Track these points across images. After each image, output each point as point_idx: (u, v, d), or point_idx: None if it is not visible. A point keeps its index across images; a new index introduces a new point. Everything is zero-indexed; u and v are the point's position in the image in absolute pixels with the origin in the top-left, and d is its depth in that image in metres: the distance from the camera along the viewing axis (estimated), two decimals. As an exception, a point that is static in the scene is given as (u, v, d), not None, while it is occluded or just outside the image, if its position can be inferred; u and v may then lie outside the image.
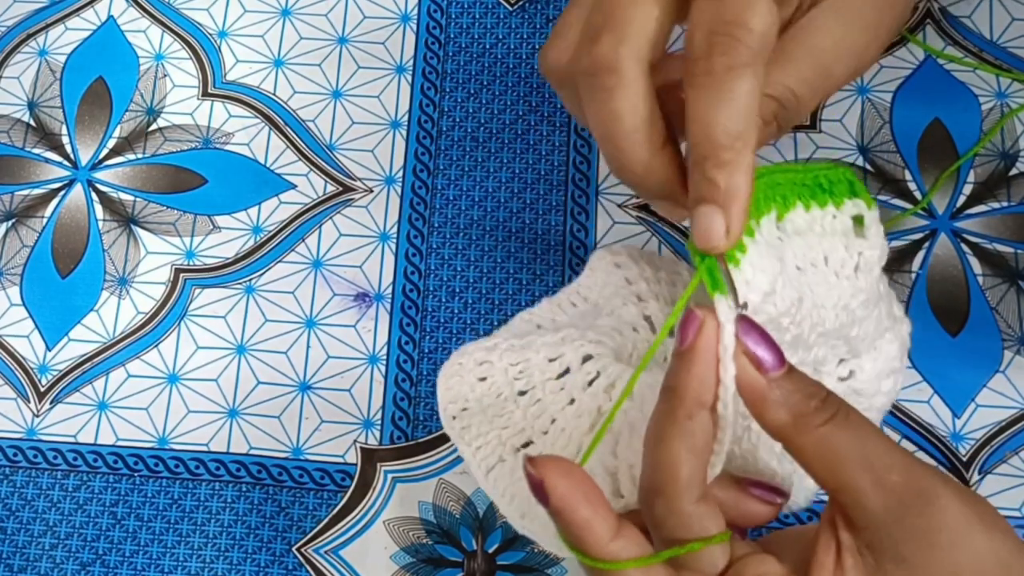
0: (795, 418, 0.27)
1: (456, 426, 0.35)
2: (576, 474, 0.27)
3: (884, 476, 0.26)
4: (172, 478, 0.45)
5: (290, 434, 0.45)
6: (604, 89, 0.29)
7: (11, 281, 0.48)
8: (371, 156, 0.48)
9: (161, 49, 0.52)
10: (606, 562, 0.26)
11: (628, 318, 0.36)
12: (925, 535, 0.26)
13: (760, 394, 0.27)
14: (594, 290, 0.38)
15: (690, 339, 0.27)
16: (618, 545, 0.26)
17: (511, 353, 0.35)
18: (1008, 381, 0.42)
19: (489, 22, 0.50)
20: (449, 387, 0.36)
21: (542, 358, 0.35)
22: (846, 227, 0.32)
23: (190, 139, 0.50)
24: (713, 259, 0.28)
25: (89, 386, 0.46)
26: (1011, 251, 0.44)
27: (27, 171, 0.50)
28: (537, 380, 0.35)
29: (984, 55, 0.46)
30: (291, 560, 0.43)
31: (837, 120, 0.46)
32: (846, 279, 0.31)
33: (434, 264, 0.46)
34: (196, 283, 0.47)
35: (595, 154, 0.47)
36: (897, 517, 0.26)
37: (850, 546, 0.27)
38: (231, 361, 0.46)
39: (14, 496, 0.45)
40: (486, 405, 0.35)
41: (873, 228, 0.32)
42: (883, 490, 0.26)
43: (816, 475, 0.27)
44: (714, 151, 0.27)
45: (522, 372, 0.35)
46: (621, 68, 0.29)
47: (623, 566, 0.26)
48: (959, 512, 0.26)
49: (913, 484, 0.26)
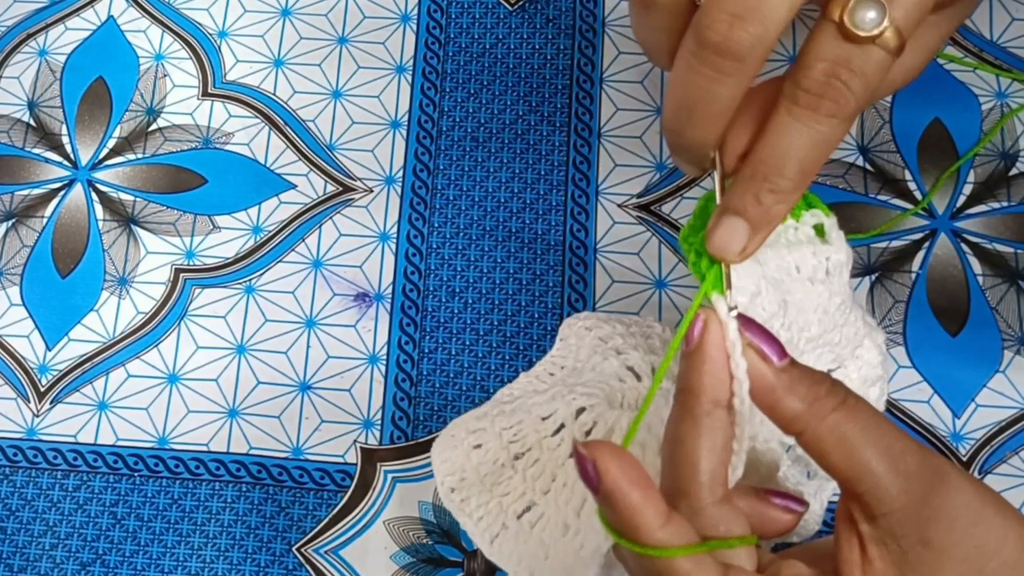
0: (808, 405, 0.27)
1: (456, 499, 0.35)
2: (627, 458, 0.26)
3: (900, 459, 0.26)
4: (172, 478, 0.45)
5: (290, 434, 0.45)
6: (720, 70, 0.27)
7: (11, 281, 0.48)
8: (371, 156, 0.48)
9: (161, 49, 0.52)
10: (656, 549, 0.25)
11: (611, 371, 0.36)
12: (946, 513, 0.26)
13: (769, 385, 0.27)
14: (569, 356, 0.38)
15: (696, 338, 0.27)
16: (668, 532, 0.26)
17: (503, 417, 0.35)
18: (1008, 381, 0.42)
19: (489, 22, 0.50)
20: (445, 459, 0.36)
21: (535, 417, 0.35)
22: (809, 236, 0.32)
23: (190, 139, 0.50)
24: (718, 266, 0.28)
25: (89, 386, 0.46)
26: (1011, 251, 0.44)
27: (27, 171, 0.50)
28: (532, 441, 0.35)
29: (984, 55, 0.46)
30: (291, 560, 0.43)
31: (837, 120, 0.46)
32: (820, 283, 0.32)
33: (434, 264, 0.46)
34: (196, 283, 0.47)
35: (595, 154, 0.47)
36: (918, 499, 0.26)
37: (872, 536, 0.27)
38: (231, 361, 0.46)
39: (14, 496, 0.45)
40: (483, 474, 0.35)
41: (834, 233, 0.32)
42: (901, 473, 0.26)
43: (832, 464, 0.27)
44: (777, 178, 0.27)
45: (516, 435, 0.35)
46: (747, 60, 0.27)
47: (673, 553, 0.25)
48: (973, 492, 0.26)
49: (927, 466, 0.26)
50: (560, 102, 0.48)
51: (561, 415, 0.35)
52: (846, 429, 0.26)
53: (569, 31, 0.49)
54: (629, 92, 0.48)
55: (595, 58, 0.49)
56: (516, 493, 0.34)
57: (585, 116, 0.48)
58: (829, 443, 0.26)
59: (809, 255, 0.32)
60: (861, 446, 0.26)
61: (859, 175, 0.45)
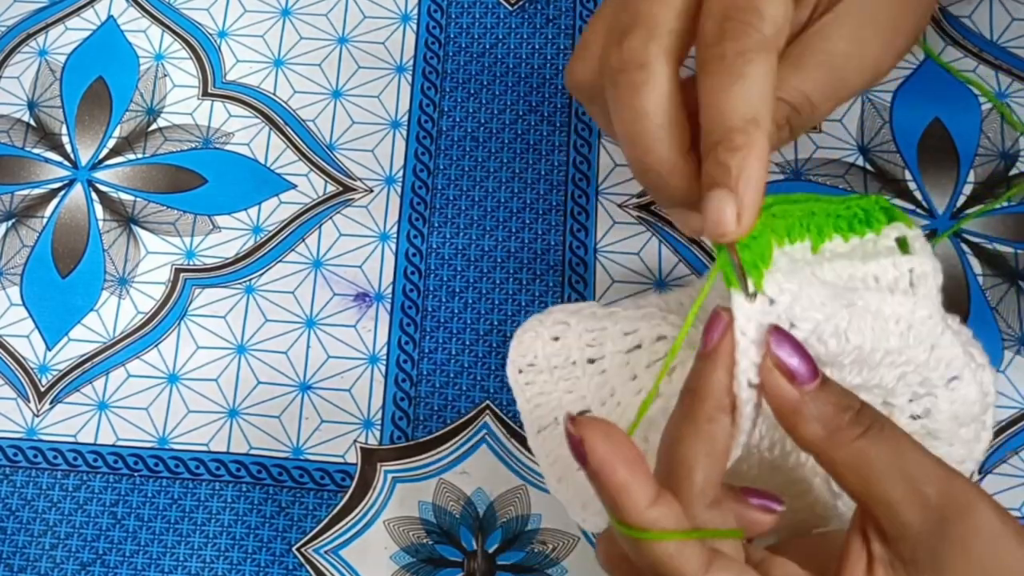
0: (829, 432, 0.26)
1: (521, 380, 0.35)
2: (617, 437, 0.25)
3: (920, 488, 0.26)
4: (172, 478, 0.45)
5: (290, 434, 0.45)
6: (633, 85, 0.28)
7: (11, 281, 0.48)
8: (371, 156, 0.48)
9: (161, 49, 0.52)
10: (642, 530, 0.25)
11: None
12: (962, 543, 0.25)
13: (792, 407, 0.26)
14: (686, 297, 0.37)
15: (715, 341, 0.27)
16: (656, 512, 0.25)
17: (591, 320, 0.35)
18: (1008, 381, 0.42)
19: (489, 22, 0.50)
20: (522, 341, 0.35)
21: (618, 330, 0.34)
22: (890, 248, 0.31)
23: (190, 139, 0.50)
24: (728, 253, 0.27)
25: (89, 386, 0.46)
26: (1011, 251, 0.44)
27: (27, 171, 0.50)
28: (608, 350, 0.34)
29: (984, 55, 0.46)
30: (291, 560, 0.43)
31: (837, 120, 0.46)
32: (902, 293, 0.30)
33: (434, 264, 0.46)
34: (196, 283, 0.47)
35: (595, 154, 0.47)
36: (934, 529, 0.26)
37: (883, 558, 0.26)
38: (231, 361, 0.46)
39: (14, 496, 0.45)
40: (553, 366, 0.35)
41: (918, 244, 0.31)
42: (919, 502, 0.26)
43: (849, 488, 0.27)
44: (727, 135, 0.27)
45: (595, 340, 0.34)
46: (650, 63, 0.28)
47: (659, 537, 0.25)
48: (995, 522, 0.26)
49: (950, 495, 0.26)
50: (560, 102, 0.48)
51: (641, 335, 0.34)
52: (867, 456, 0.26)
53: (569, 31, 0.49)
54: (629, 92, 0.48)
55: (595, 58, 0.49)
56: (578, 393, 0.34)
57: (585, 116, 0.48)
58: (845, 469, 0.26)
59: (889, 266, 0.30)
60: (880, 474, 0.26)
61: (859, 175, 0.45)
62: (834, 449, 0.26)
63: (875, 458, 0.26)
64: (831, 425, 0.26)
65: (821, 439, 0.26)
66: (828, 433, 0.26)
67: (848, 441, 0.26)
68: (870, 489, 0.26)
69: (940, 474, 0.26)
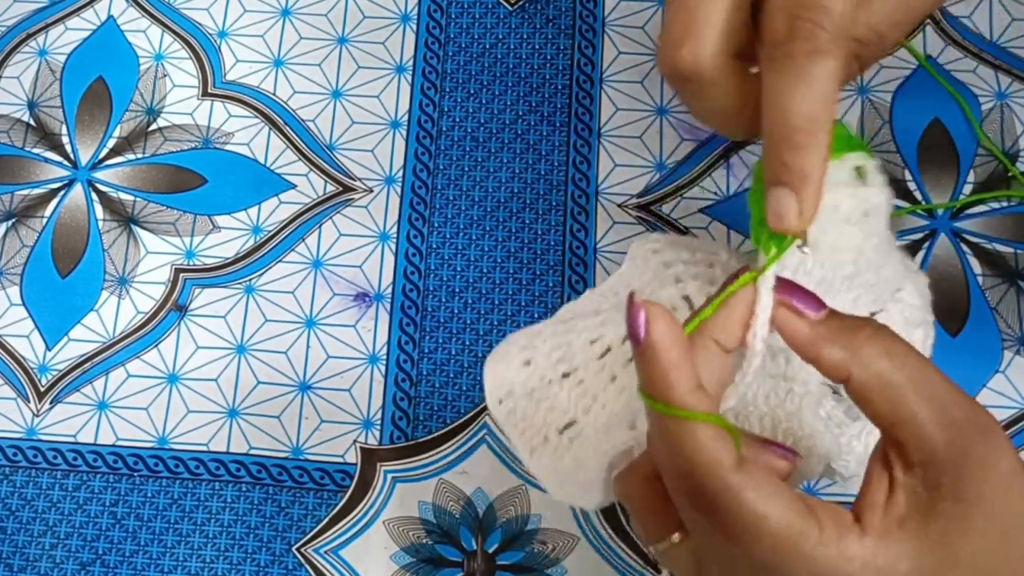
0: (851, 353, 0.27)
1: (502, 410, 0.36)
2: (675, 323, 0.26)
3: (947, 409, 0.26)
4: (172, 478, 0.45)
5: (290, 434, 0.45)
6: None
7: (11, 281, 0.48)
8: (371, 156, 0.48)
9: (161, 49, 0.52)
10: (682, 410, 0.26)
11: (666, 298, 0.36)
12: (984, 470, 0.26)
13: (809, 337, 0.27)
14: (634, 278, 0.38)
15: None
16: (696, 397, 0.26)
17: (554, 338, 0.36)
18: (1008, 381, 0.42)
19: (489, 22, 0.50)
20: (495, 373, 0.36)
21: (583, 340, 0.36)
22: (849, 177, 0.32)
23: (190, 139, 0.50)
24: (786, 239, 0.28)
25: (89, 386, 0.46)
26: (1011, 251, 0.44)
27: (27, 171, 0.50)
28: (580, 361, 0.35)
29: (984, 55, 0.46)
30: (291, 560, 0.43)
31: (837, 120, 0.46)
32: (856, 224, 0.32)
33: (434, 264, 0.46)
34: (196, 283, 0.47)
35: (595, 154, 0.47)
36: (959, 451, 0.26)
37: (905, 484, 0.26)
38: (231, 361, 0.46)
39: (14, 496, 0.45)
40: (530, 388, 0.36)
41: (874, 175, 0.32)
42: (946, 423, 0.26)
43: (876, 412, 0.27)
44: (790, 134, 0.27)
45: (564, 356, 0.36)
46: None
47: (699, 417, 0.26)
48: (1012, 455, 0.26)
49: (976, 421, 0.26)
50: (560, 102, 0.48)
51: (608, 339, 0.35)
52: (893, 377, 0.26)
53: (569, 31, 0.49)
54: (629, 92, 0.48)
55: (595, 58, 0.49)
56: (560, 409, 0.35)
57: (585, 116, 0.48)
58: (874, 390, 0.27)
59: (847, 196, 0.32)
60: (907, 393, 0.26)
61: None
62: (860, 370, 0.27)
63: (900, 378, 0.26)
64: (850, 345, 0.27)
65: (844, 360, 0.27)
66: (850, 354, 0.27)
67: (872, 359, 0.27)
68: (898, 410, 0.26)
69: (964, 398, 0.27)
